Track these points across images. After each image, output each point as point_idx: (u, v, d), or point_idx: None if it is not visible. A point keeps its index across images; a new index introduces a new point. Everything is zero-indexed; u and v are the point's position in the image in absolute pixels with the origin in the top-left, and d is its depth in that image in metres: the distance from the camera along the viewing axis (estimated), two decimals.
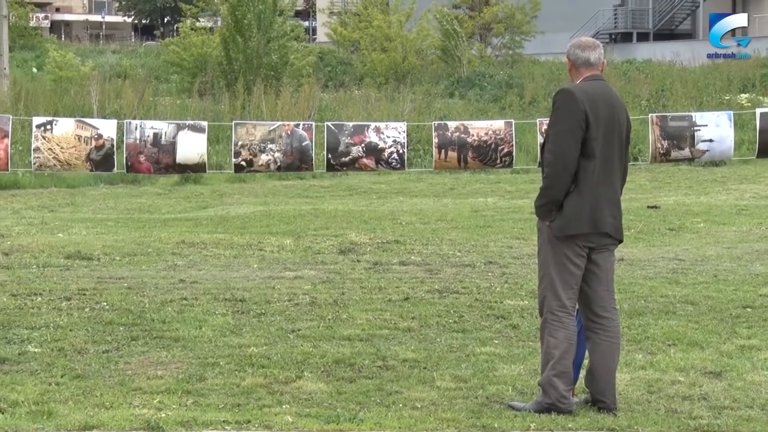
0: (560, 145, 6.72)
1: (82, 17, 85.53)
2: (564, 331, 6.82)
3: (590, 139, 6.74)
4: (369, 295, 10.59)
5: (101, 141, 11.95)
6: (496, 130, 11.90)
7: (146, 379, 7.45)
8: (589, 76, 6.94)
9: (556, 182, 6.73)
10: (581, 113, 6.71)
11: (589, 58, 6.94)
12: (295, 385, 7.38)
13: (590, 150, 6.74)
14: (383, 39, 42.56)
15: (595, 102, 6.79)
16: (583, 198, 6.76)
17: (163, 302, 10.11)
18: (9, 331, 8.83)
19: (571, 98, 6.76)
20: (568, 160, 6.70)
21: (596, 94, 6.83)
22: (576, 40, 7.14)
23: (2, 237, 13.95)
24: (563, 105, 6.78)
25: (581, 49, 6.98)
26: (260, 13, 33.80)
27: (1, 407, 6.69)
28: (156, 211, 17.80)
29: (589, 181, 6.76)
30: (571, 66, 7.01)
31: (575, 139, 6.70)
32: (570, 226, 6.76)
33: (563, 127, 6.73)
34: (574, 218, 6.75)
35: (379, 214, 16.71)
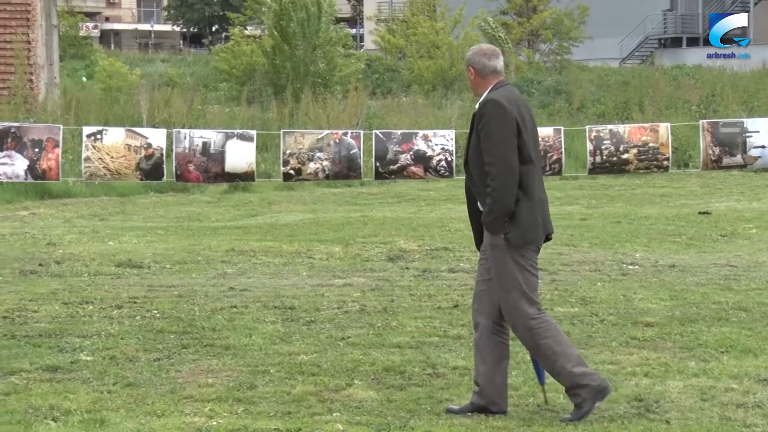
0: (501, 156, 6.64)
1: (131, 26, 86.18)
2: (551, 326, 6.82)
3: (524, 145, 6.71)
4: (418, 303, 10.57)
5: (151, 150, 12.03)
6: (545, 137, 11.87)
7: (197, 387, 7.47)
8: (498, 82, 6.90)
9: (505, 193, 6.63)
10: (513, 120, 6.68)
11: (495, 65, 6.91)
12: (346, 393, 7.37)
13: (527, 155, 6.71)
14: (430, 46, 42.55)
15: (519, 106, 6.79)
16: (533, 204, 6.74)
17: (213, 310, 10.14)
18: (61, 339, 8.89)
19: (500, 107, 6.70)
20: (513, 168, 6.63)
21: (517, 99, 6.85)
22: (476, 48, 7.07)
23: (54, 246, 14.06)
24: (495, 116, 6.69)
25: (487, 58, 6.92)
26: (303, 20, 33.89)
27: (54, 415, 6.73)
28: (205, 219, 17.88)
29: (534, 185, 6.75)
30: (476, 75, 6.92)
31: (514, 147, 6.65)
32: (529, 235, 6.74)
33: (499, 138, 6.66)
34: (531, 226, 6.73)
35: (427, 221, 16.69)
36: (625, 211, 18.20)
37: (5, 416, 6.70)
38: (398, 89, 40.16)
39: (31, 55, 28.60)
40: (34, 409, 6.85)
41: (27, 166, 11.75)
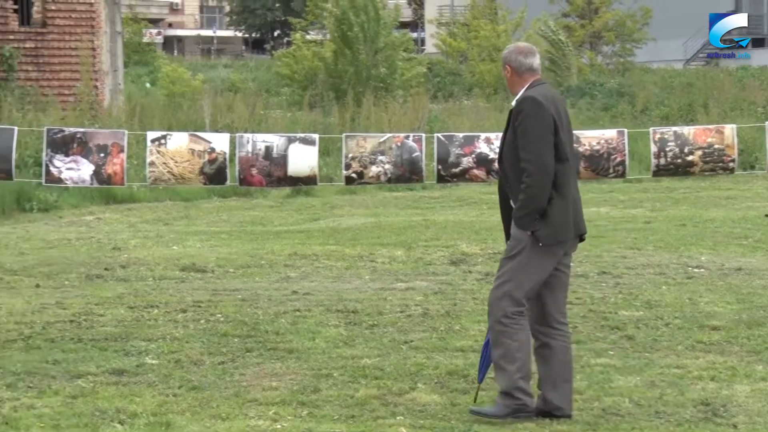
0: (537, 153, 6.60)
1: (194, 32, 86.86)
2: (524, 332, 6.74)
3: (560, 143, 6.67)
4: (481, 306, 10.52)
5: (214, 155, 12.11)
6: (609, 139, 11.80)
7: (261, 391, 7.50)
8: (535, 81, 6.86)
9: (539, 191, 6.60)
10: (550, 118, 6.65)
11: (532, 63, 6.88)
12: (409, 397, 7.36)
13: (562, 153, 6.68)
14: (491, 49, 42.47)
15: (557, 106, 6.76)
16: (567, 203, 6.69)
17: (276, 314, 10.17)
18: (127, 343, 8.96)
19: (538, 104, 6.66)
20: (548, 167, 6.60)
21: (555, 98, 6.83)
22: (513, 46, 7.04)
23: (119, 250, 14.19)
24: (532, 113, 6.65)
25: (524, 56, 6.88)
26: (363, 23, 33.94)
27: (120, 418, 6.79)
28: (268, 224, 17.96)
29: (568, 185, 6.71)
30: (513, 73, 6.89)
31: (550, 145, 6.62)
32: (559, 233, 6.68)
33: (536, 135, 6.62)
34: (562, 225, 6.68)
35: (489, 225, 16.63)
36: (690, 214, 18.03)
37: (72, 419, 6.76)
38: (460, 92, 40.11)
39: (96, 61, 28.92)
40: (100, 412, 6.91)
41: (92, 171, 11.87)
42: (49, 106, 26.14)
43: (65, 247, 14.59)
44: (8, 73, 27.94)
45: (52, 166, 11.84)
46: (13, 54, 27.96)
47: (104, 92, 29.13)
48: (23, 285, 11.84)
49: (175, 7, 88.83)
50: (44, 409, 6.97)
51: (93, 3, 28.94)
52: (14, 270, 12.64)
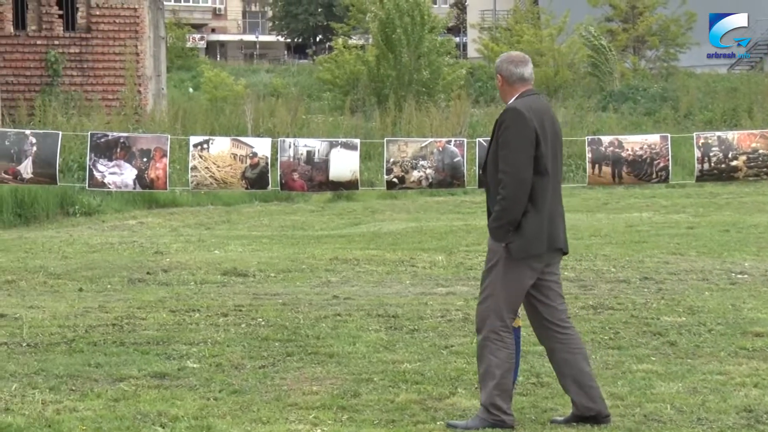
0: (515, 165, 6.53)
1: (236, 37, 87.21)
2: (506, 351, 6.70)
3: (542, 156, 6.59)
4: (521, 311, 10.48)
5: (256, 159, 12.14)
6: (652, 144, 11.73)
7: (302, 395, 7.51)
8: (525, 91, 6.80)
9: (513, 203, 6.54)
10: (532, 131, 6.57)
11: (523, 73, 6.81)
12: (449, 402, 7.35)
13: (543, 167, 6.59)
14: (534, 53, 42.38)
15: (541, 117, 6.67)
16: (541, 217, 6.61)
17: (317, 318, 10.19)
18: (169, 346, 9.00)
19: (520, 116, 6.59)
20: (525, 179, 6.53)
21: (542, 111, 6.72)
22: (505, 55, 6.99)
23: (161, 254, 14.26)
24: (513, 124, 6.59)
25: (515, 65, 6.82)
26: (406, 26, 33.95)
27: (161, 422, 6.82)
28: (309, 228, 18.00)
29: (545, 199, 6.62)
30: (504, 82, 6.84)
31: (530, 158, 6.54)
32: (531, 247, 6.61)
33: (516, 146, 6.56)
34: (534, 238, 6.60)
35: None
36: (733, 220, 17.90)
37: (114, 422, 6.80)
38: None
39: (139, 66, 29.11)
40: (142, 415, 6.94)
41: (135, 175, 11.93)
42: (93, 111, 26.35)
43: (108, 251, 14.69)
44: (53, 78, 28.19)
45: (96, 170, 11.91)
46: (58, 59, 28.20)
47: (147, 97, 29.32)
48: (66, 289, 11.93)
49: (218, 12, 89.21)
50: (86, 412, 7.02)
51: (137, 8, 29.14)
52: (58, 274, 12.73)
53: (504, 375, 6.69)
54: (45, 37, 28.39)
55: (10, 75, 27.78)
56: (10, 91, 27.53)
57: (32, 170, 11.88)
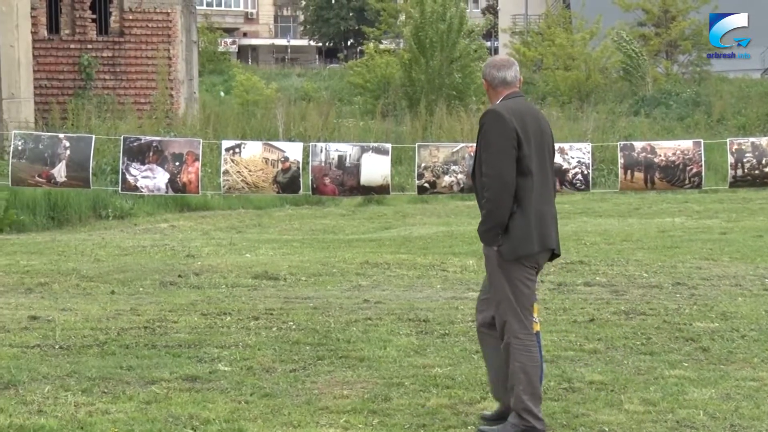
0: (497, 167, 6.54)
1: (268, 41, 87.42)
2: (527, 354, 6.69)
3: (524, 157, 6.58)
4: (553, 316, 10.48)
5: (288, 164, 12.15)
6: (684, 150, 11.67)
7: (332, 399, 7.51)
8: (509, 94, 6.81)
9: (498, 205, 6.55)
10: (512, 131, 6.56)
11: (505, 77, 6.82)
12: (480, 407, 7.34)
13: (525, 167, 6.59)
14: (566, 57, 42.27)
15: (523, 119, 6.65)
16: (527, 217, 6.60)
17: (348, 322, 10.19)
18: (200, 349, 9.03)
19: (499, 118, 6.60)
20: (508, 181, 6.53)
21: (522, 111, 6.71)
22: (490, 60, 7.02)
23: (193, 258, 14.31)
24: (493, 126, 6.61)
25: (497, 69, 6.84)
26: (443, 33, 33.97)
27: (193, 424, 6.84)
28: (340, 232, 18.02)
29: (530, 198, 6.61)
30: (489, 87, 6.88)
31: (511, 158, 6.54)
32: (520, 248, 6.60)
33: (497, 149, 6.56)
34: (522, 239, 6.60)
35: (562, 235, 16.43)
36: (766, 225, 17.80)
37: (146, 425, 6.83)
38: (533, 102, 39.99)
39: (171, 70, 29.23)
40: (174, 418, 6.97)
41: (168, 179, 11.97)
42: (125, 114, 26.47)
43: (140, 254, 14.75)
44: (86, 81, 28.34)
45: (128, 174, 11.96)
46: (90, 63, 28.36)
47: (179, 101, 29.43)
48: (99, 291, 11.98)
49: (250, 16, 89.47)
50: (119, 414, 7.05)
51: (169, 12, 29.26)
52: (90, 276, 12.80)
53: (530, 378, 6.68)
54: (78, 41, 28.55)
55: (44, 79, 27.95)
56: (44, 95, 27.70)
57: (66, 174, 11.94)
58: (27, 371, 8.14)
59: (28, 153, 11.99)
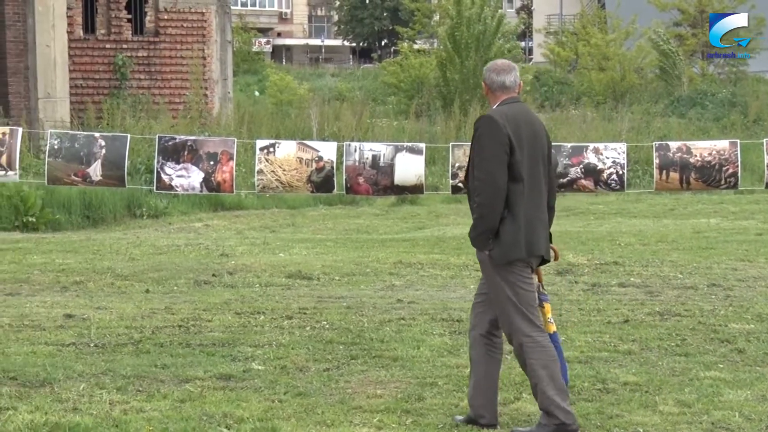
0: (488, 172, 6.56)
1: (302, 41, 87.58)
2: (542, 350, 6.69)
3: (516, 163, 6.59)
4: (587, 317, 10.44)
5: (322, 163, 12.18)
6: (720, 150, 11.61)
7: (366, 398, 7.52)
8: (507, 99, 6.81)
9: (489, 210, 6.58)
10: (505, 137, 6.57)
11: (504, 81, 6.82)
12: (514, 407, 7.32)
13: (517, 173, 6.60)
14: (601, 58, 42.11)
15: (517, 124, 6.65)
16: (517, 222, 6.61)
17: (381, 322, 10.19)
18: (234, 348, 9.05)
19: (493, 124, 6.62)
20: (499, 186, 6.55)
21: (517, 116, 6.70)
22: (491, 63, 7.03)
23: (227, 257, 14.35)
24: (486, 131, 6.63)
25: (496, 73, 6.85)
26: (480, 34, 33.94)
27: (227, 423, 6.86)
28: (373, 232, 18.02)
29: (521, 204, 6.61)
30: (488, 90, 6.91)
31: (502, 164, 6.56)
32: (510, 253, 6.62)
33: (489, 154, 6.58)
34: (512, 244, 6.61)
35: (596, 235, 16.49)
36: None
37: (181, 423, 6.85)
38: (567, 102, 39.86)
39: (206, 70, 29.34)
40: (208, 417, 6.99)
41: (202, 178, 12.03)
42: (160, 114, 26.58)
43: (174, 253, 14.81)
44: (121, 81, 28.48)
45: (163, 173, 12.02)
46: (125, 62, 28.49)
47: (214, 100, 29.53)
48: (134, 290, 12.04)
49: (284, 16, 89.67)
50: (153, 413, 7.07)
51: (204, 12, 29.37)
52: (125, 275, 12.86)
53: (552, 374, 6.67)
54: (114, 40, 28.70)
55: (80, 78, 28.11)
56: (80, 94, 27.85)
57: (101, 172, 12.01)
58: (62, 369, 8.19)
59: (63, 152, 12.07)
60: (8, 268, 13.32)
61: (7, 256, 14.30)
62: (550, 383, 6.64)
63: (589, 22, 48.35)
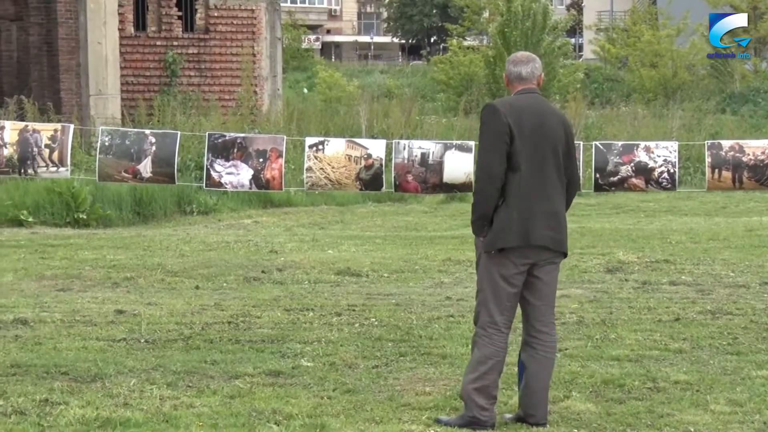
0: (485, 161, 6.66)
1: (351, 38, 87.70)
2: (491, 348, 6.73)
3: (515, 153, 6.62)
4: (638, 315, 10.38)
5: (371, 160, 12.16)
6: None
7: (415, 395, 7.51)
8: (523, 89, 6.85)
9: (482, 197, 6.67)
10: (505, 126, 6.62)
11: (521, 72, 6.87)
12: (564, 405, 7.29)
13: (515, 163, 6.63)
14: (652, 55, 41.84)
15: (521, 114, 6.67)
16: (510, 212, 6.64)
17: (430, 319, 10.19)
18: (283, 345, 9.08)
19: (494, 113, 6.68)
20: (493, 175, 6.61)
21: (523, 107, 6.72)
22: (513, 55, 7.11)
23: (276, 253, 14.39)
24: (487, 120, 6.70)
25: (514, 64, 6.93)
26: (528, 30, 33.82)
27: (276, 419, 6.87)
28: (422, 229, 18.00)
29: (516, 194, 6.63)
30: (507, 81, 6.98)
31: (499, 152, 6.60)
32: (497, 241, 6.66)
33: (487, 142, 6.66)
34: (501, 232, 6.64)
35: (647, 233, 16.39)
36: None
37: (230, 419, 6.88)
38: (618, 99, 39.62)
39: (256, 67, 29.43)
40: (257, 413, 7.01)
41: (251, 175, 12.05)
42: (210, 111, 26.69)
43: (224, 250, 14.87)
44: (171, 78, 28.63)
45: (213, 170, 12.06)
46: (176, 60, 28.64)
47: (263, 97, 29.62)
48: (184, 286, 12.10)
49: (333, 13, 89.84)
50: (203, 408, 7.11)
51: (254, 10, 29.47)
52: (175, 271, 12.93)
53: (487, 372, 6.73)
54: (164, 38, 28.86)
55: (130, 75, 28.30)
56: (130, 91, 28.03)
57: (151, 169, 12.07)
58: (113, 364, 8.25)
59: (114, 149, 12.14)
60: (60, 264, 13.44)
61: (58, 252, 14.43)
62: (478, 380, 6.73)
63: (640, 19, 48.04)
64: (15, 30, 26.57)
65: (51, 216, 18.09)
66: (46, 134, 12.06)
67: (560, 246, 6.85)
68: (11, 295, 11.38)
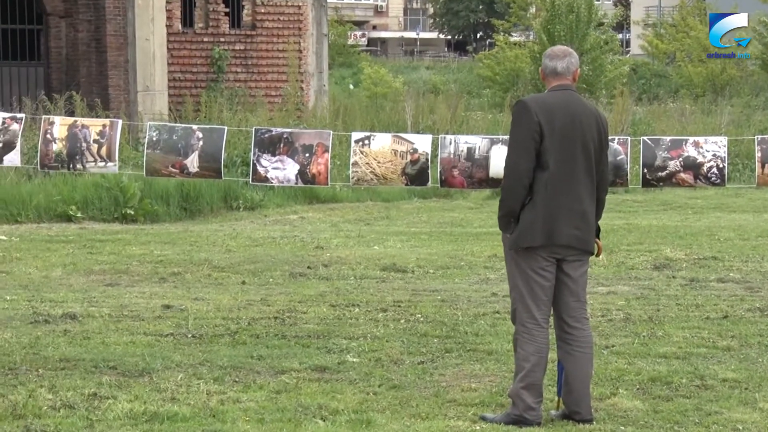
0: (513, 157, 6.66)
1: (397, 34, 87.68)
2: (534, 344, 6.71)
3: (544, 151, 6.60)
4: (685, 313, 10.31)
5: (416, 155, 12.15)
6: None
7: (460, 392, 7.51)
8: (557, 85, 6.80)
9: (509, 194, 6.69)
10: (535, 124, 6.58)
11: (556, 67, 6.80)
12: (610, 402, 7.27)
13: (544, 162, 6.61)
14: (701, 50, 41.53)
15: (552, 113, 6.62)
16: (536, 210, 6.63)
17: (475, 315, 10.17)
18: (329, 340, 9.10)
19: (524, 110, 6.65)
20: (521, 172, 6.61)
21: (555, 105, 6.67)
22: (549, 49, 7.02)
23: (322, 249, 14.42)
24: (517, 117, 6.69)
25: (549, 59, 6.85)
26: (572, 24, 33.67)
27: (322, 414, 6.90)
28: (468, 225, 17.97)
29: (543, 193, 6.62)
30: (543, 75, 6.89)
31: (528, 150, 6.59)
32: (523, 239, 6.67)
33: (515, 140, 6.66)
34: (526, 231, 6.64)
35: (695, 230, 16.27)
36: None
37: (276, 414, 6.91)
38: (665, 95, 39.35)
39: (302, 63, 29.49)
40: (303, 408, 7.03)
41: (297, 170, 12.06)
42: (256, 107, 26.77)
43: (270, 245, 14.92)
44: (218, 74, 28.75)
45: (259, 165, 12.08)
46: (222, 56, 28.76)
47: (309, 93, 29.67)
48: (230, 282, 12.16)
49: (379, 9, 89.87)
50: (249, 403, 7.14)
51: (301, 6, 29.53)
52: (222, 267, 12.99)
53: (532, 369, 6.73)
54: (211, 34, 28.98)
55: (178, 71, 28.43)
56: (177, 87, 28.17)
57: (198, 164, 12.11)
58: (161, 359, 8.30)
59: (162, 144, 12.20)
60: (108, 259, 13.54)
61: (106, 247, 14.53)
62: (525, 378, 6.72)
63: (689, 14, 47.69)
64: (64, 27, 26.76)
65: (99, 211, 18.21)
66: (94, 129, 12.13)
67: (585, 245, 6.83)
68: (60, 290, 11.47)
